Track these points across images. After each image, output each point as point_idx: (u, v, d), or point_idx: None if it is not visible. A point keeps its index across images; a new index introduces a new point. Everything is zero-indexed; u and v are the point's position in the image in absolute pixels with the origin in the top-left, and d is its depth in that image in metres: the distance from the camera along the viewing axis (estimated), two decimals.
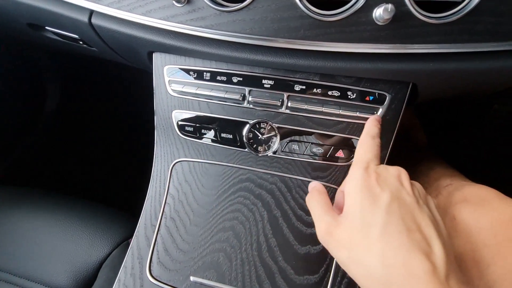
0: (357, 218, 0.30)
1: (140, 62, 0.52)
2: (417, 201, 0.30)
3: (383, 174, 0.32)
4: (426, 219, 0.29)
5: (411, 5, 0.33)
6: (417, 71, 0.37)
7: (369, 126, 0.38)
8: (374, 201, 0.29)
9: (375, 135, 0.37)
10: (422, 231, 0.28)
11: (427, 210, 0.30)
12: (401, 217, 0.28)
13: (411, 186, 0.32)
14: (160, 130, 0.48)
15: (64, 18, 0.45)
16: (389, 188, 0.30)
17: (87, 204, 0.63)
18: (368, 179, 0.31)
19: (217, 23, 0.38)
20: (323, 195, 0.35)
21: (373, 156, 0.34)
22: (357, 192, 0.31)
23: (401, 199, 0.30)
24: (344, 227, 0.30)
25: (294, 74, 0.41)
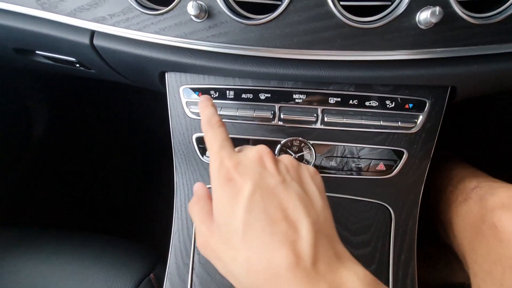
0: (223, 224, 0.26)
1: (148, 83, 0.47)
2: (283, 180, 0.26)
3: (242, 161, 0.27)
4: (293, 199, 0.25)
5: (456, 6, 0.31)
6: (460, 75, 0.35)
7: (203, 112, 0.33)
8: (235, 199, 0.25)
9: (209, 117, 0.32)
10: (288, 216, 0.25)
11: (296, 186, 0.27)
12: (264, 209, 0.25)
13: (276, 163, 0.28)
14: (180, 156, 0.44)
15: (60, 41, 0.39)
16: (249, 175, 0.26)
17: (96, 239, 0.58)
18: (227, 172, 0.27)
19: (243, 38, 0.34)
20: (202, 200, 0.30)
21: (221, 143, 0.29)
22: (219, 191, 0.27)
23: (263, 186, 0.26)
24: (215, 236, 0.26)
25: (327, 86, 0.38)
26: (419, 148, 0.39)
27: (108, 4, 0.35)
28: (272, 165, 0.28)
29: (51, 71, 0.63)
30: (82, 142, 0.97)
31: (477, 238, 0.40)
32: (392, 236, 0.41)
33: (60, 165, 0.92)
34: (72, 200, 0.93)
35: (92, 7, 0.35)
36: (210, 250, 0.27)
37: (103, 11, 0.35)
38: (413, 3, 0.31)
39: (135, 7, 0.34)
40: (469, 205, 0.42)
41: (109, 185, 0.99)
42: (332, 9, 0.31)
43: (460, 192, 0.45)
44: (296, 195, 0.26)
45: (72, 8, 0.36)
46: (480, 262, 0.39)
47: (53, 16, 0.37)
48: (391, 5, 0.31)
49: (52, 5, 0.37)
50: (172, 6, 0.33)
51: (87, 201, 0.95)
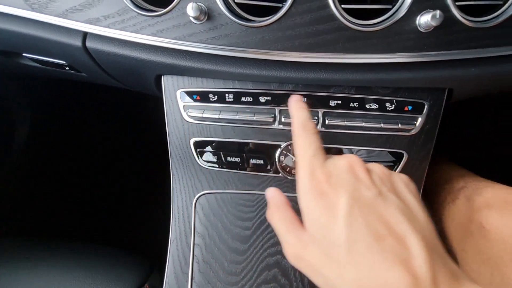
0: (319, 237, 0.25)
1: (143, 87, 0.46)
2: (379, 192, 0.25)
3: (333, 172, 0.26)
4: (395, 213, 0.24)
5: (455, 10, 0.31)
6: (458, 77, 0.35)
7: (296, 113, 0.32)
8: (331, 212, 0.24)
9: (305, 121, 0.31)
10: (394, 232, 0.23)
11: (395, 198, 0.25)
12: (366, 224, 0.23)
13: (369, 174, 0.27)
14: (177, 161, 0.43)
15: (50, 43, 0.38)
16: (344, 188, 0.25)
17: (86, 248, 0.56)
18: (318, 184, 0.26)
19: (244, 41, 0.33)
20: (284, 209, 0.29)
21: (314, 152, 0.28)
22: (311, 206, 0.26)
23: (360, 199, 0.24)
24: (310, 249, 0.25)
25: (328, 89, 0.38)
26: (419, 150, 0.40)
27: (102, 5, 0.34)
28: (366, 175, 0.26)
29: (39, 74, 0.60)
30: (69, 147, 0.93)
31: (466, 238, 0.40)
32: None
33: (46, 171, 0.88)
34: (60, 207, 0.89)
35: (85, 8, 0.34)
36: (305, 263, 0.26)
37: (97, 12, 0.34)
38: (414, 7, 0.31)
39: (131, 8, 0.33)
40: (457, 206, 0.43)
41: (100, 192, 0.96)
42: (334, 12, 0.31)
43: (448, 193, 0.46)
44: (396, 208, 0.24)
45: (63, 8, 0.34)
46: (470, 262, 0.40)
47: (42, 17, 0.35)
48: (392, 8, 0.31)
49: (42, 5, 0.35)
50: (171, 8, 0.32)
51: (75, 208, 0.92)
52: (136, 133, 0.99)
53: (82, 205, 0.92)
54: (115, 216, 0.93)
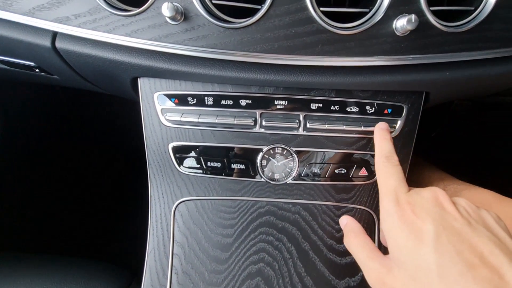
0: (406, 262, 0.25)
1: (119, 90, 0.44)
2: (469, 223, 0.26)
3: (418, 201, 0.27)
4: (487, 244, 0.24)
5: (430, 15, 0.32)
6: (434, 81, 0.36)
7: (380, 143, 0.34)
8: (417, 239, 0.25)
9: (389, 153, 0.32)
10: (488, 262, 0.23)
11: (484, 230, 0.25)
12: (457, 251, 0.24)
13: (455, 206, 0.27)
14: (155, 166, 0.41)
15: (16, 43, 0.35)
16: (430, 217, 0.26)
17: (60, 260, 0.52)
18: (403, 213, 0.27)
19: (222, 42, 0.33)
20: (362, 236, 0.31)
21: (399, 182, 0.30)
22: (396, 231, 0.27)
23: (448, 228, 0.25)
24: (396, 274, 0.26)
25: (308, 92, 0.38)
26: (398, 152, 0.39)
27: (72, 4, 0.32)
28: (452, 206, 0.27)
29: (6, 77, 0.57)
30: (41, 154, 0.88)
31: None
32: (376, 242, 0.41)
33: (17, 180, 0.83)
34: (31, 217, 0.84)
35: (54, 6, 0.32)
36: (387, 287, 0.26)
37: (67, 11, 0.32)
38: (390, 11, 0.32)
39: (103, 7, 0.32)
40: None
41: (75, 200, 0.91)
42: (312, 14, 0.31)
43: None
44: (488, 239, 0.24)
45: (30, 6, 0.33)
46: None
47: (7, 15, 0.33)
48: (369, 12, 0.32)
49: (6, 3, 0.33)
50: (146, 7, 0.31)
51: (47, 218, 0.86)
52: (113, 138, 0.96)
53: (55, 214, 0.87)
54: (90, 226, 0.88)
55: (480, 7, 0.32)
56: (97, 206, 0.91)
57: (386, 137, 0.34)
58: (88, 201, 0.91)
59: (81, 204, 0.90)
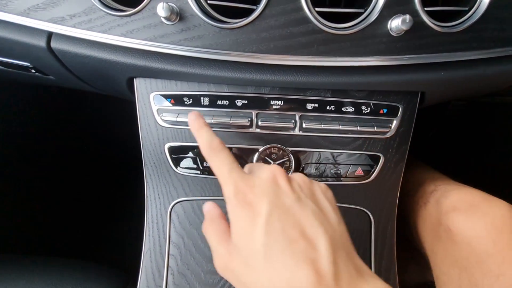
0: (242, 246, 0.25)
1: (115, 90, 0.44)
2: (298, 198, 0.27)
3: (257, 183, 0.27)
4: (310, 217, 0.25)
5: (424, 15, 0.32)
6: (429, 80, 0.36)
7: (198, 134, 0.31)
8: (253, 220, 0.25)
9: (210, 140, 0.30)
10: (306, 235, 0.24)
11: (311, 204, 0.27)
12: (282, 229, 0.24)
13: (290, 182, 0.28)
14: (151, 167, 0.41)
15: (11, 43, 0.35)
16: (266, 196, 0.26)
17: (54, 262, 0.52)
18: (243, 195, 0.26)
19: (217, 42, 0.33)
20: (216, 221, 0.29)
21: (230, 166, 0.28)
22: (236, 216, 0.26)
23: (280, 206, 0.26)
24: (235, 258, 0.26)
25: (304, 92, 0.38)
26: (394, 152, 0.40)
27: (67, 4, 0.32)
28: (286, 184, 0.28)
29: (2, 78, 0.57)
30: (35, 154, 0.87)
31: (436, 241, 0.41)
32: (373, 241, 0.41)
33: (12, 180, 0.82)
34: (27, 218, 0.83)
35: (49, 6, 0.32)
36: (231, 273, 0.26)
37: (62, 11, 0.32)
38: (385, 11, 0.32)
39: (98, 7, 0.32)
40: (428, 209, 0.44)
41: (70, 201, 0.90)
42: (308, 14, 0.31)
43: (420, 196, 0.47)
44: (311, 212, 0.26)
45: (25, 6, 0.32)
46: (440, 264, 0.40)
47: (2, 15, 0.33)
48: (364, 12, 0.32)
49: (1, 3, 0.33)
50: (141, 8, 0.31)
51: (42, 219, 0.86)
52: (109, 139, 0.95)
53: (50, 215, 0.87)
54: (86, 227, 0.88)
55: (474, 7, 0.33)
56: (92, 207, 0.91)
57: (200, 124, 0.32)
58: (83, 202, 0.91)
59: (76, 204, 0.90)
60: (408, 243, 0.50)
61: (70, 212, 0.88)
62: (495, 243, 0.35)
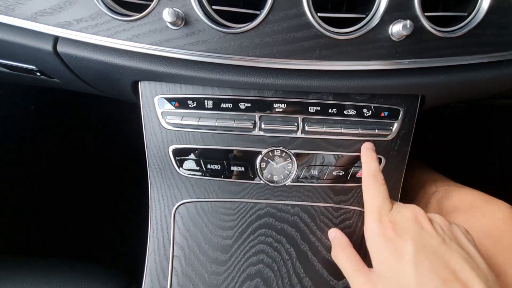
0: (389, 278, 0.28)
1: (120, 93, 0.44)
2: (443, 241, 0.28)
3: (399, 220, 0.30)
4: (459, 260, 0.27)
5: (425, 20, 0.33)
6: (430, 84, 0.37)
7: (367, 162, 0.36)
8: (399, 257, 0.28)
9: (376, 172, 0.35)
10: (459, 278, 0.26)
11: (457, 247, 0.28)
12: (433, 268, 0.26)
13: (432, 224, 0.30)
14: (155, 169, 0.41)
15: (18, 47, 0.36)
16: (410, 236, 0.28)
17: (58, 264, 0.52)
18: (385, 231, 0.29)
19: (222, 47, 0.33)
20: (349, 249, 0.33)
21: (382, 201, 0.32)
22: (379, 249, 0.29)
23: (426, 246, 0.28)
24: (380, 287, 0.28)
25: (307, 95, 0.38)
26: (395, 154, 0.41)
27: (74, 9, 0.33)
28: (429, 225, 0.29)
29: (6, 80, 0.57)
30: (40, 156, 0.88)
31: None
32: None
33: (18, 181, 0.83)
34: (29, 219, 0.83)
35: (56, 11, 0.33)
36: None
37: (69, 16, 0.33)
38: (386, 17, 0.32)
39: (105, 12, 0.32)
40: (429, 210, 0.44)
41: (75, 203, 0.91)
42: (310, 19, 0.32)
43: (421, 198, 0.47)
44: (460, 256, 0.27)
45: (32, 11, 0.33)
46: None
47: (9, 19, 0.34)
48: (366, 17, 0.33)
49: (9, 8, 0.33)
50: (147, 13, 0.32)
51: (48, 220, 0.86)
52: (113, 141, 0.96)
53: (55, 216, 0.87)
54: (90, 228, 0.88)
55: (473, 13, 0.33)
56: (96, 208, 0.91)
57: (372, 156, 0.37)
58: (88, 204, 0.91)
59: (80, 206, 0.90)
60: None
61: (75, 214, 0.89)
62: (495, 243, 0.35)
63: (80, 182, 0.93)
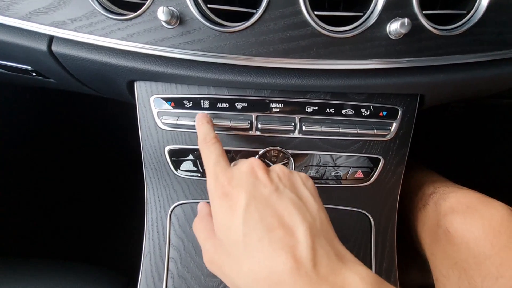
0: (223, 239, 0.26)
1: (115, 93, 0.44)
2: (276, 188, 0.27)
3: (236, 174, 0.28)
4: (288, 206, 0.26)
5: (423, 18, 0.32)
6: (429, 83, 0.36)
7: (198, 128, 0.34)
8: (232, 212, 0.26)
9: (206, 134, 0.32)
10: (285, 223, 0.25)
11: (289, 193, 0.27)
12: (260, 218, 0.25)
13: (268, 173, 0.28)
14: (151, 170, 0.41)
15: (12, 47, 0.35)
16: (243, 188, 0.26)
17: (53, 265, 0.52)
18: (221, 187, 0.27)
19: (217, 46, 0.33)
20: (205, 218, 0.30)
21: (216, 159, 0.30)
22: (217, 208, 0.27)
23: (258, 196, 0.26)
24: (219, 251, 0.27)
25: (304, 95, 0.38)
26: (394, 155, 0.40)
27: (68, 8, 0.32)
28: (264, 174, 0.28)
29: (3, 81, 0.57)
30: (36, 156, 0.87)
31: (435, 243, 0.41)
32: (373, 243, 0.41)
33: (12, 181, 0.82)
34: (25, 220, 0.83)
35: (50, 11, 0.32)
36: (216, 266, 0.27)
37: (63, 15, 0.32)
38: (384, 15, 0.32)
39: (100, 11, 0.32)
40: (427, 211, 0.44)
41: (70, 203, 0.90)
42: (307, 18, 0.31)
43: (419, 198, 0.47)
44: (290, 201, 0.26)
45: (26, 11, 0.33)
46: (439, 266, 0.40)
47: (3, 19, 0.33)
48: (363, 16, 0.32)
49: (3, 7, 0.33)
50: (141, 12, 0.31)
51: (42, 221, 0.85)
52: (109, 141, 0.95)
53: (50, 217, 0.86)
54: (85, 229, 0.87)
55: (472, 10, 0.33)
56: (92, 209, 0.91)
57: (202, 121, 0.34)
58: (83, 204, 0.91)
59: (75, 207, 0.90)
60: (409, 246, 0.50)
61: (70, 215, 0.88)
62: (493, 245, 0.35)
63: (75, 182, 0.93)
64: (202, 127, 0.34)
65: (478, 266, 0.35)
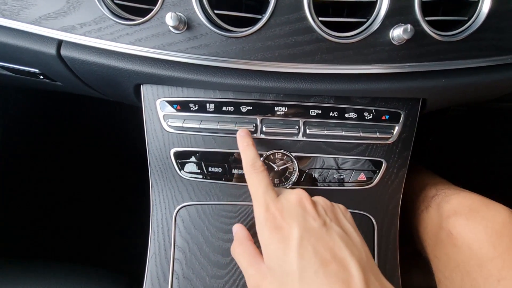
0: (276, 269, 0.27)
1: (121, 96, 0.45)
2: (324, 223, 0.28)
3: (285, 206, 0.29)
4: (337, 240, 0.27)
5: (425, 24, 0.33)
6: (431, 88, 0.37)
7: (243, 150, 0.34)
8: (285, 244, 0.27)
9: (254, 160, 0.33)
10: (337, 257, 0.26)
11: (336, 227, 0.29)
12: (314, 251, 0.26)
13: (314, 206, 0.30)
14: (156, 172, 0.41)
15: (22, 50, 0.36)
16: (295, 221, 0.28)
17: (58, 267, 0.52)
18: (273, 219, 0.28)
19: (224, 51, 0.33)
20: (246, 243, 0.32)
21: (265, 188, 0.31)
22: (267, 240, 0.28)
23: (309, 229, 0.27)
24: (269, 280, 0.28)
25: (308, 98, 0.38)
26: (397, 158, 0.41)
27: (78, 13, 0.33)
28: (311, 207, 0.30)
29: (10, 83, 0.58)
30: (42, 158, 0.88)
31: (437, 245, 0.42)
32: (376, 246, 0.41)
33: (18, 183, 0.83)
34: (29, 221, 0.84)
35: (60, 16, 0.33)
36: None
37: (72, 20, 0.33)
38: (387, 21, 0.33)
39: (108, 16, 0.32)
40: (429, 214, 0.44)
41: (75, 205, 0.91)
42: (311, 24, 0.32)
43: (422, 201, 0.47)
44: (337, 235, 0.28)
45: (36, 16, 0.33)
46: (442, 268, 0.41)
47: (14, 24, 0.34)
48: (367, 22, 0.33)
49: (14, 12, 0.34)
50: (150, 17, 0.32)
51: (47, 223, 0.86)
52: (115, 144, 0.96)
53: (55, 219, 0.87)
54: (91, 231, 0.88)
55: (473, 17, 0.33)
56: (97, 211, 0.91)
57: (248, 143, 0.35)
58: (89, 206, 0.91)
59: (81, 208, 0.90)
60: (411, 248, 0.50)
61: (76, 215, 0.89)
62: (495, 247, 0.35)
63: (81, 184, 0.93)
64: (248, 150, 0.34)
65: (481, 269, 0.35)
